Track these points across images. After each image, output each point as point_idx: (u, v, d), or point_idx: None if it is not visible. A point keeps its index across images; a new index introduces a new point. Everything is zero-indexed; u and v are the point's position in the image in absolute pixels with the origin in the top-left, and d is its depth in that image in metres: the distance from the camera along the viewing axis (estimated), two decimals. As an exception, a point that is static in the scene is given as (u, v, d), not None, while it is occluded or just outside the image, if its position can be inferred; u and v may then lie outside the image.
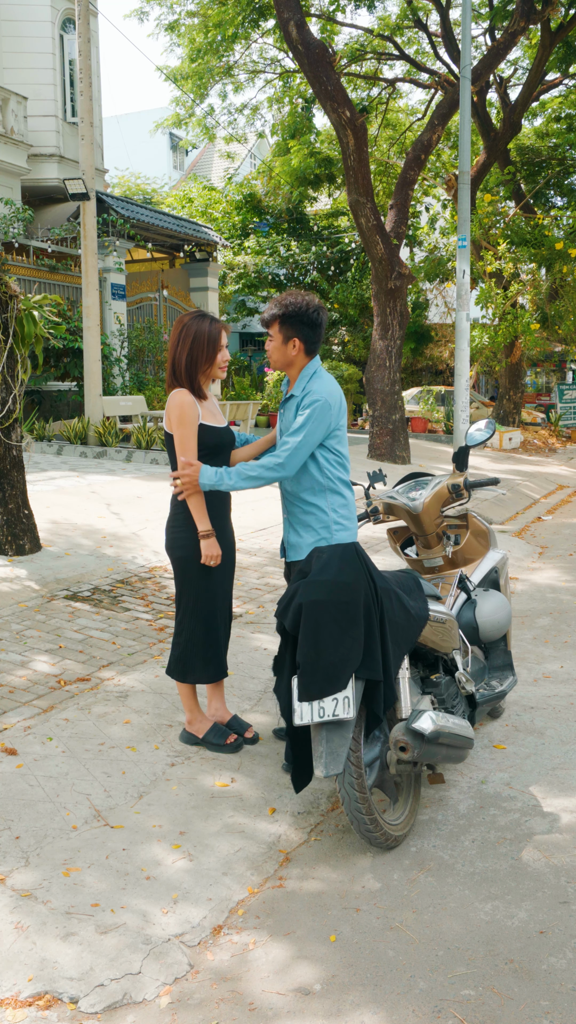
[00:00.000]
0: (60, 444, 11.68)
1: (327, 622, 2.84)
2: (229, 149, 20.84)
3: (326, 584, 2.88)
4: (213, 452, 3.47)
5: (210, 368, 3.45)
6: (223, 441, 3.50)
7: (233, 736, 3.64)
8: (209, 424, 3.45)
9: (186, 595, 3.55)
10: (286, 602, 2.96)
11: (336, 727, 2.81)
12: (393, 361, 13.29)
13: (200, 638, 3.55)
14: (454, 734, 3.03)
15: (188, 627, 3.56)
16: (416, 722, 2.94)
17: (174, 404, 3.40)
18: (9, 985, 2.31)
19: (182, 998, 2.32)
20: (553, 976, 2.40)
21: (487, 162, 17.21)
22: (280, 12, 11.84)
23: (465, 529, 3.96)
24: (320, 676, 2.80)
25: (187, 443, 3.39)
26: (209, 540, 3.41)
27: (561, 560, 7.54)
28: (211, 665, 3.58)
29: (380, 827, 2.90)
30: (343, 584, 2.87)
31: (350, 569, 2.91)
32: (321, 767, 2.76)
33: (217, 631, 3.56)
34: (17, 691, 4.06)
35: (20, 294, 6.02)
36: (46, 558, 6.13)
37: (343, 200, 22.27)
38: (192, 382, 3.43)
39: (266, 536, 7.66)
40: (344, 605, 2.85)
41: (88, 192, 11.50)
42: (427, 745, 2.95)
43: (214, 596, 3.53)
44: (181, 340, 3.41)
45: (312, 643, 2.83)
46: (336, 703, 2.79)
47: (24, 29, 15.77)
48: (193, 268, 18.52)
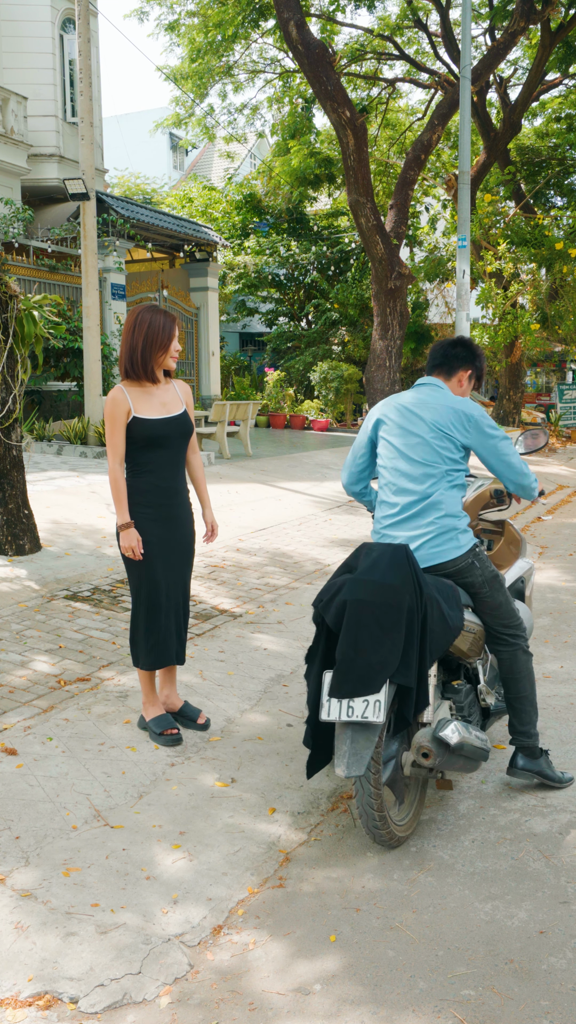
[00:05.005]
0: (60, 444, 11.68)
1: (369, 623, 2.82)
2: (229, 149, 20.84)
3: (372, 585, 2.86)
4: (147, 446, 3.55)
5: (164, 356, 3.55)
6: (158, 434, 3.55)
7: (172, 730, 3.70)
8: (144, 417, 3.52)
9: (131, 583, 3.69)
10: (329, 596, 2.93)
11: (362, 729, 2.80)
12: (393, 361, 13.29)
13: (143, 625, 3.65)
14: (475, 747, 3.01)
15: (134, 613, 3.69)
16: (443, 731, 2.91)
17: (106, 400, 3.54)
18: (9, 985, 2.31)
19: (182, 998, 2.32)
20: (553, 976, 2.40)
21: (487, 162, 17.22)
22: (280, 12, 11.85)
23: (500, 536, 3.93)
24: (355, 676, 2.78)
25: (112, 439, 3.52)
26: (126, 532, 3.51)
27: (561, 560, 7.54)
28: (154, 652, 3.66)
29: (388, 825, 2.90)
30: (389, 586, 2.85)
31: (398, 571, 2.88)
32: (343, 767, 2.75)
33: (159, 619, 3.63)
34: (17, 691, 4.06)
35: (20, 294, 6.02)
36: (46, 558, 6.13)
37: (343, 200, 22.26)
38: (145, 370, 3.53)
39: (266, 536, 7.66)
40: (388, 608, 2.82)
41: (88, 192, 11.49)
42: (450, 755, 2.94)
43: (155, 584, 3.61)
44: (136, 329, 3.50)
45: (352, 642, 2.81)
46: (367, 705, 2.77)
47: (24, 29, 15.76)
48: (193, 268, 18.51)
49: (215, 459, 12.36)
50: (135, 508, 3.57)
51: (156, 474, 3.59)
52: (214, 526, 3.86)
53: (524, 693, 3.37)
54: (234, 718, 4.03)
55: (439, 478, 3.16)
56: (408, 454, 3.21)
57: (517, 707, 3.38)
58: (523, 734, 3.39)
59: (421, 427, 3.20)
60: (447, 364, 3.37)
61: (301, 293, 23.36)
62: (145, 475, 3.57)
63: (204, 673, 4.49)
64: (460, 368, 3.37)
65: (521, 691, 3.37)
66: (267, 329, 25.00)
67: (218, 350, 18.94)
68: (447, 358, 3.37)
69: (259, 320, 25.05)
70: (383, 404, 3.40)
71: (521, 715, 3.39)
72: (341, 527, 8.38)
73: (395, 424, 3.27)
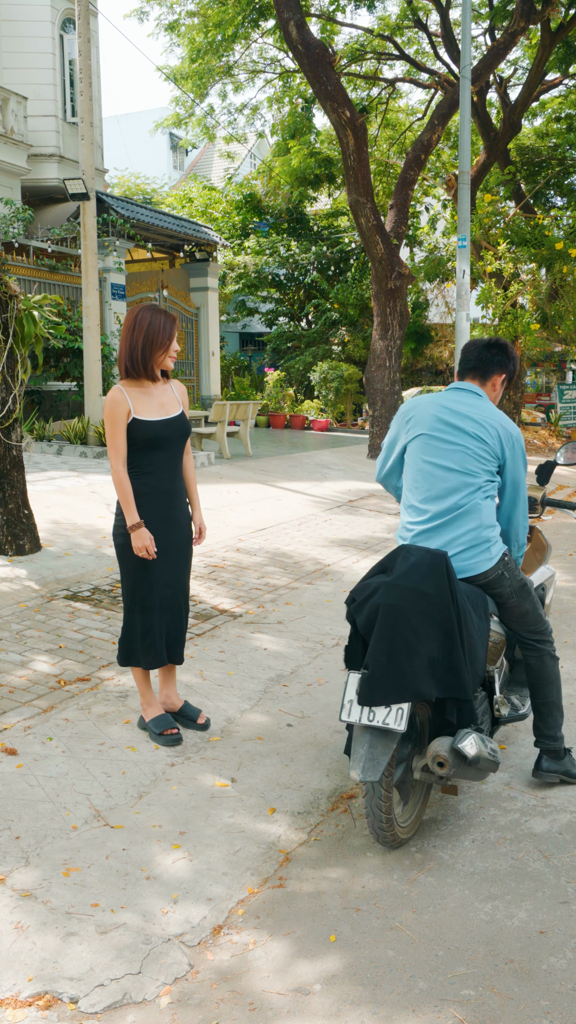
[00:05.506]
0: (60, 444, 11.68)
1: (405, 631, 2.76)
2: (229, 149, 20.83)
3: (408, 591, 2.80)
4: (146, 447, 3.55)
5: (163, 356, 3.54)
6: (157, 436, 3.55)
7: (172, 730, 3.69)
8: (143, 419, 3.51)
9: (125, 582, 3.66)
10: (363, 598, 2.87)
11: (381, 735, 2.77)
12: (393, 361, 13.29)
13: (138, 625, 3.64)
14: (489, 760, 2.98)
15: (128, 613, 3.67)
16: (461, 743, 2.85)
17: (105, 401, 3.53)
18: (9, 985, 2.31)
19: (182, 998, 2.32)
20: (553, 976, 2.40)
21: (487, 162, 17.21)
22: (280, 12, 11.84)
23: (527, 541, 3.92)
24: (386, 683, 2.73)
25: (114, 440, 3.51)
26: (137, 532, 3.49)
27: (561, 560, 7.55)
28: (151, 652, 3.65)
29: (393, 828, 2.89)
30: (425, 594, 2.79)
31: (435, 580, 2.82)
32: (358, 771, 2.73)
33: (154, 619, 3.63)
34: (17, 691, 4.06)
35: (20, 294, 6.02)
36: (46, 558, 6.13)
37: (343, 200, 22.26)
38: (146, 367, 3.53)
39: (266, 536, 7.66)
40: (422, 616, 2.77)
41: (88, 192, 11.49)
42: (465, 766, 2.90)
43: (150, 585, 3.60)
44: (136, 328, 3.50)
45: (385, 649, 2.76)
46: (389, 712, 2.74)
47: (24, 29, 15.76)
48: (193, 268, 18.51)
49: (215, 459, 12.36)
50: (137, 511, 3.57)
51: (156, 476, 3.59)
52: (202, 528, 3.84)
53: (551, 698, 3.36)
54: (234, 718, 4.03)
55: (476, 488, 3.07)
56: (443, 463, 3.09)
57: (544, 712, 3.37)
58: (549, 738, 3.39)
59: (462, 436, 3.08)
60: (482, 367, 3.27)
61: (301, 293, 23.37)
62: (145, 477, 3.57)
63: (204, 673, 4.49)
64: (495, 372, 3.27)
65: (548, 696, 3.35)
66: (267, 329, 25.00)
67: (218, 350, 18.95)
68: (482, 361, 3.26)
69: (259, 320, 25.05)
70: (418, 405, 3.25)
71: (548, 719, 3.37)
72: (341, 527, 8.38)
73: (431, 429, 3.14)
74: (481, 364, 3.27)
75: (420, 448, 3.17)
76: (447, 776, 2.93)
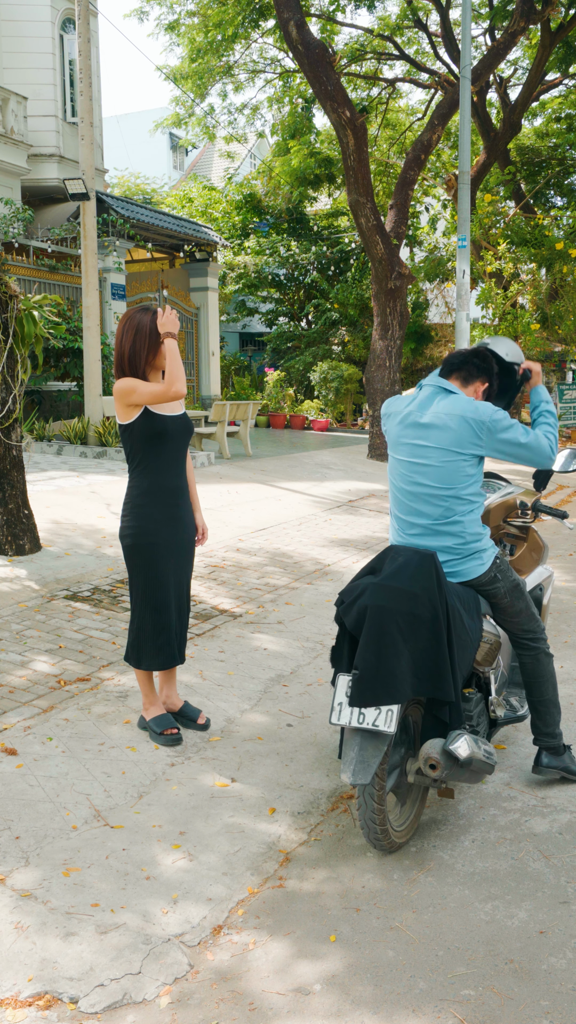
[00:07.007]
0: (60, 444, 11.68)
1: (392, 631, 2.75)
2: (229, 149, 20.87)
3: (396, 591, 2.80)
4: (157, 440, 3.56)
5: (155, 359, 3.54)
6: (168, 429, 3.56)
7: (173, 730, 3.69)
8: (157, 412, 3.53)
9: (135, 583, 3.66)
10: (351, 599, 2.87)
11: (372, 737, 2.76)
12: (393, 361, 13.29)
13: (149, 626, 3.64)
14: (483, 762, 2.96)
15: (138, 614, 3.66)
16: (453, 744, 2.83)
17: (117, 389, 3.51)
18: (9, 985, 2.31)
19: (182, 998, 2.32)
20: (553, 976, 2.40)
21: (487, 162, 17.22)
22: (280, 12, 11.85)
23: (523, 541, 3.91)
24: (376, 685, 2.73)
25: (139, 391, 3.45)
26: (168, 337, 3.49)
27: (561, 560, 7.54)
28: (162, 653, 3.66)
29: (388, 836, 2.89)
30: (412, 594, 2.79)
31: (423, 580, 2.82)
32: (349, 774, 2.72)
33: (166, 619, 3.63)
34: (17, 691, 4.06)
35: (20, 294, 6.02)
36: (46, 558, 6.13)
37: (343, 200, 22.26)
38: (136, 372, 3.52)
39: (266, 536, 7.66)
40: (411, 617, 2.77)
41: (88, 192, 11.49)
42: (457, 768, 2.88)
43: (162, 584, 3.60)
44: (125, 332, 3.52)
45: (374, 650, 2.75)
46: (379, 713, 2.73)
47: (24, 29, 15.76)
48: (193, 268, 18.52)
49: (215, 459, 12.36)
50: (142, 510, 3.57)
51: (162, 473, 3.60)
52: (204, 529, 3.85)
53: (548, 695, 3.37)
54: (234, 718, 4.03)
55: (456, 502, 3.06)
56: (419, 480, 3.08)
57: (541, 710, 3.38)
58: (548, 735, 3.40)
59: (431, 453, 3.05)
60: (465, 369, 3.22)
61: (301, 293, 23.36)
62: (151, 475, 3.58)
63: (204, 673, 4.49)
64: (477, 377, 3.22)
65: (545, 693, 3.36)
66: (267, 329, 25.00)
67: (218, 350, 18.95)
68: (466, 363, 3.22)
69: (259, 320, 25.05)
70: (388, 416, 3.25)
71: (545, 717, 3.38)
72: (341, 527, 8.38)
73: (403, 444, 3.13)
74: (465, 366, 3.24)
75: (394, 468, 3.21)
76: (440, 779, 2.92)
